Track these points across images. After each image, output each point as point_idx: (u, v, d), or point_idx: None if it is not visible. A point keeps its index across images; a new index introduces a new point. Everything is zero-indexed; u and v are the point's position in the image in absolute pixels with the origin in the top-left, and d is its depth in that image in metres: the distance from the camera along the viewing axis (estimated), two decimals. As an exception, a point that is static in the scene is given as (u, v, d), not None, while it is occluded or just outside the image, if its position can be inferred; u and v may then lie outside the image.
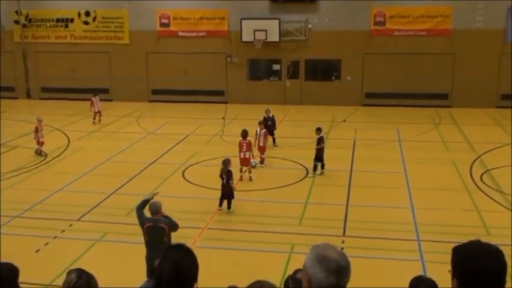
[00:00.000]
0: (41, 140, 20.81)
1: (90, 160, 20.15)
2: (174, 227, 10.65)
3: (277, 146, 21.75)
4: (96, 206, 15.71)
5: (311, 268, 3.03)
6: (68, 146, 22.44)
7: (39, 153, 20.73)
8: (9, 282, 4.58)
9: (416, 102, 29.35)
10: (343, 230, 13.93)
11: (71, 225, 14.39)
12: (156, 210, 10.59)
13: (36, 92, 33.98)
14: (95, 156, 20.65)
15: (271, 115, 22.05)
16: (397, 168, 19.00)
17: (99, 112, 26.75)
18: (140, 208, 10.86)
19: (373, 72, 29.97)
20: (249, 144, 18.01)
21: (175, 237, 13.20)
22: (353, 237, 13.38)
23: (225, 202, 15.20)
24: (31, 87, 34.07)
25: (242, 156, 17.96)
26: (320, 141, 18.41)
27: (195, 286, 3.62)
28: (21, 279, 4.75)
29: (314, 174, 18.24)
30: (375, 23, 29.74)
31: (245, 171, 18.18)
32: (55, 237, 13.65)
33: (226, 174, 15.05)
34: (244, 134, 18.22)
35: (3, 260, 5.09)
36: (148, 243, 10.63)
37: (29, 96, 34.15)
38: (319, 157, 18.35)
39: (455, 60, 29.12)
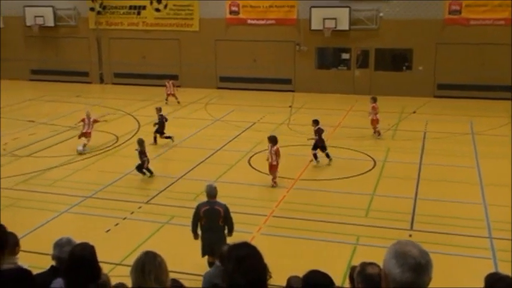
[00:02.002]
0: (88, 130, 19.92)
1: (158, 145, 20.54)
2: (230, 220, 10.84)
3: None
4: (165, 189, 16.02)
5: (388, 263, 2.95)
6: (138, 130, 22.95)
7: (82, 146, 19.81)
8: (91, 261, 4.72)
9: (491, 95, 28.21)
10: (410, 223, 13.63)
11: (140, 207, 14.74)
12: (213, 193, 10.75)
13: (109, 77, 34.92)
14: (163, 141, 21.02)
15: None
16: (469, 162, 18.39)
17: (171, 94, 27.87)
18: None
19: (446, 63, 29.05)
20: (277, 152, 16.07)
21: (242, 224, 13.33)
22: (421, 231, 13.06)
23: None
24: (104, 72, 35.04)
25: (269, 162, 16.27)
26: (317, 133, 18.14)
27: (269, 278, 3.62)
28: (93, 257, 4.88)
29: (317, 161, 18.13)
30: (450, 12, 28.79)
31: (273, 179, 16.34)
32: (125, 218, 14.02)
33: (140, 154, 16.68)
34: (273, 139, 16.38)
35: (77, 240, 5.25)
36: (204, 227, 10.78)
37: (102, 81, 35.14)
38: (320, 146, 18.17)
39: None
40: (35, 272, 5.32)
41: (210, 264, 10.51)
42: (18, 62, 35.27)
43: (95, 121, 20.40)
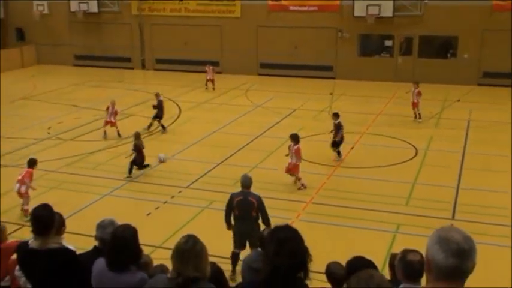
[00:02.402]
0: (112, 120, 20.01)
1: (200, 130, 20.70)
2: (264, 212, 10.50)
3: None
4: (204, 174, 16.15)
5: (431, 248, 2.92)
6: (179, 116, 23.16)
7: (105, 134, 20.11)
8: (132, 242, 4.80)
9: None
10: (452, 213, 13.42)
11: (180, 191, 14.91)
12: (247, 183, 10.51)
13: (151, 63, 35.28)
14: (204, 126, 21.17)
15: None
16: (513, 152, 17.97)
17: (211, 80, 27.93)
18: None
19: (492, 50, 28.30)
20: (297, 151, 15.04)
21: (281, 210, 13.36)
22: (463, 220, 12.84)
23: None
24: (146, 58, 35.41)
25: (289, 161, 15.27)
26: (338, 128, 17.13)
27: (310, 262, 3.62)
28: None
29: (339, 158, 17.28)
30: (497, -2, 28.04)
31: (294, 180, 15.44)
32: (165, 202, 14.21)
33: (134, 147, 16.11)
34: (295, 137, 15.37)
35: (119, 222, 5.35)
36: (237, 217, 10.57)
37: (143, 67, 35.53)
38: (335, 141, 17.22)
39: None
40: (78, 252, 5.46)
41: (235, 255, 10.39)
42: (63, 47, 35.98)
43: (116, 113, 20.27)
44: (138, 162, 16.13)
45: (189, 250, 4.16)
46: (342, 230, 12.74)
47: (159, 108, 20.65)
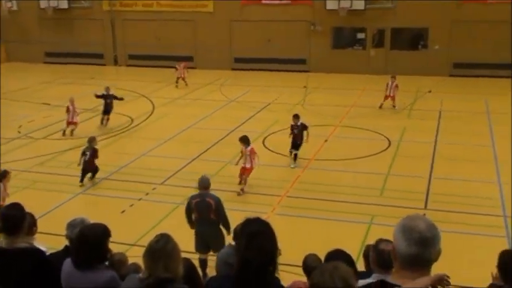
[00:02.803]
0: (74, 120, 19.69)
1: (174, 126, 20.60)
2: (223, 215, 10.07)
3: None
4: (179, 170, 16.09)
5: (396, 237, 3.03)
6: (152, 112, 23.03)
7: (65, 133, 19.72)
8: (99, 241, 4.74)
9: (507, 73, 27.83)
10: (425, 202, 13.59)
11: (154, 188, 14.83)
12: (204, 184, 10.16)
13: (124, 59, 34.99)
14: (179, 122, 21.08)
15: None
16: (484, 141, 18.25)
17: (181, 78, 27.61)
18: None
19: (462, 41, 28.69)
20: (252, 152, 14.42)
21: (256, 205, 13.42)
22: (436, 210, 13.00)
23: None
24: (118, 54, 35.10)
25: (242, 165, 14.59)
26: (299, 129, 16.21)
27: (279, 256, 3.62)
28: (108, 238, 4.92)
29: (294, 164, 16.19)
30: (467, -11, 28.38)
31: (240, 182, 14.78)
32: (140, 199, 14.13)
33: (90, 151, 15.15)
34: (244, 139, 14.61)
35: (92, 220, 5.30)
36: (197, 220, 10.14)
37: (116, 63, 35.23)
38: (295, 143, 16.30)
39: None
40: (50, 252, 5.40)
41: (202, 261, 9.99)
42: (33, 44, 35.49)
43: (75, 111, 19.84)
44: (92, 169, 15.25)
45: (160, 250, 4.13)
46: (317, 222, 12.81)
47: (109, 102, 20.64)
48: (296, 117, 16.53)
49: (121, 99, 20.99)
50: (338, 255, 5.56)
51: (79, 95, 25.85)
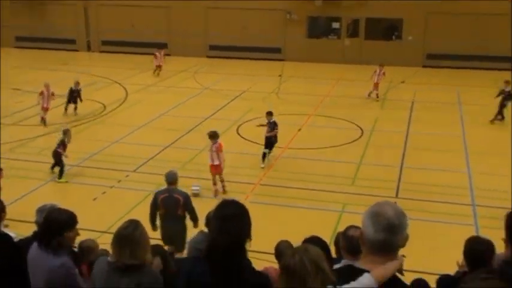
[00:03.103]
0: (45, 105, 19.21)
1: (147, 113, 20.46)
2: (192, 210, 9.85)
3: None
4: (152, 158, 16.01)
5: (364, 223, 3.05)
6: (125, 99, 22.83)
7: (42, 121, 19.28)
8: (64, 227, 4.69)
9: (479, 65, 28.26)
10: (396, 191, 13.76)
11: (127, 175, 14.74)
12: (172, 179, 9.81)
13: (97, 44, 34.56)
14: (152, 109, 20.94)
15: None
16: (455, 131, 18.51)
17: (159, 66, 27.05)
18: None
19: (435, 33, 28.98)
20: (219, 149, 13.72)
21: (230, 193, 13.45)
22: (406, 199, 13.18)
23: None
24: (92, 40, 34.65)
25: (210, 163, 13.89)
26: (273, 126, 15.43)
27: (249, 242, 3.61)
28: (78, 225, 4.87)
29: (263, 163, 15.33)
30: (441, -19, 28.61)
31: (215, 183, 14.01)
32: (112, 186, 14.03)
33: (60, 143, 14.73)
34: (214, 135, 13.86)
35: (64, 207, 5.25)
36: (163, 216, 9.81)
37: (89, 49, 34.79)
38: (269, 144, 15.47)
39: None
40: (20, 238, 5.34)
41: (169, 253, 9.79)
42: (3, 28, 34.75)
43: (53, 94, 19.45)
44: (59, 162, 14.62)
45: (127, 236, 4.11)
46: (290, 210, 12.88)
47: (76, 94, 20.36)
48: (269, 114, 15.72)
49: (80, 100, 20.51)
50: (314, 242, 5.61)
51: (51, 81, 25.47)
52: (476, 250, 5.21)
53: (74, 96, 20.32)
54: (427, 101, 22.51)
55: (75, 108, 20.43)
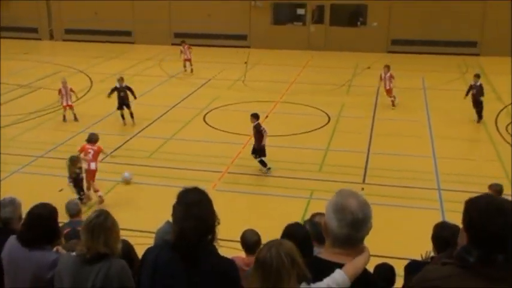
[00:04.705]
0: (65, 104, 18.22)
1: (113, 103, 20.15)
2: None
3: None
4: (118, 148, 15.85)
5: (327, 215, 3.02)
6: (90, 88, 22.50)
7: (66, 118, 18.39)
8: (48, 221, 4.66)
9: (443, 50, 28.65)
10: (363, 177, 13.91)
11: (93, 166, 14.51)
12: (74, 211, 8.59)
13: (60, 33, 33.90)
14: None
15: (124, 85, 17.05)
16: (420, 117, 18.77)
17: (188, 60, 25.07)
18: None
19: (400, 19, 29.24)
20: (97, 152, 13.05)
21: (197, 181, 13.36)
22: (373, 184, 13.36)
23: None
24: (54, 28, 33.98)
25: (87, 167, 12.98)
26: (258, 129, 14.30)
27: (217, 224, 3.61)
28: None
29: (267, 170, 14.28)
30: (404, -33, 28.86)
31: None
32: (77, 177, 13.80)
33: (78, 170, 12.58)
34: (91, 138, 13.24)
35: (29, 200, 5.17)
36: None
37: (52, 37, 34.12)
38: (258, 150, 14.30)
39: (486, 7, 28.23)
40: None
41: None
42: (-38, 17, 33.85)
43: (71, 90, 18.43)
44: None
45: (100, 225, 4.11)
46: (258, 198, 12.93)
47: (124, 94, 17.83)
48: (253, 116, 14.54)
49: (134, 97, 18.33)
50: (294, 229, 5.61)
51: (13, 71, 25.02)
52: (444, 236, 5.31)
53: (121, 96, 17.71)
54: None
55: (132, 116, 17.78)
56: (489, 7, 28.14)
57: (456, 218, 5.62)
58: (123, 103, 17.75)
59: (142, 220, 11.08)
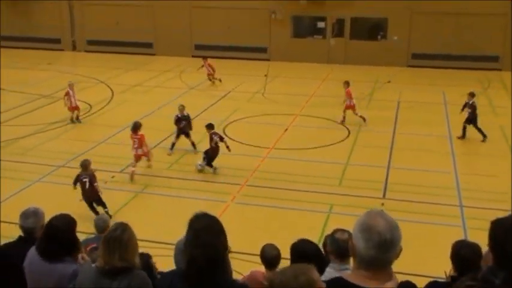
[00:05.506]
0: (73, 105, 19.20)
1: (133, 113, 20.25)
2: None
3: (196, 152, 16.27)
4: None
5: (355, 235, 2.92)
6: (111, 99, 22.68)
7: (75, 119, 19.35)
8: (67, 233, 4.67)
9: (465, 65, 28.41)
10: (383, 192, 13.79)
11: (113, 176, 14.62)
12: (102, 227, 8.18)
13: (82, 44, 34.29)
14: (138, 109, 20.80)
15: (185, 113, 16.79)
16: (441, 132, 18.59)
17: (211, 75, 25.02)
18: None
19: (421, 33, 29.10)
20: (141, 140, 14.74)
21: (216, 194, 13.43)
22: (393, 199, 13.23)
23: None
24: (77, 39, 34.38)
25: (134, 153, 14.78)
26: (212, 138, 14.87)
27: (228, 252, 3.56)
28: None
29: (215, 170, 14.84)
30: (426, -19, 28.78)
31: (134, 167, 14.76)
32: (98, 187, 13.89)
33: (88, 178, 12.36)
34: (135, 126, 14.97)
35: (51, 210, 5.19)
36: None
37: (74, 48, 34.51)
38: (209, 156, 14.90)
39: (508, 22, 28.00)
40: (4, 241, 5.26)
41: None
42: (-13, 28, 34.43)
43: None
44: (96, 197, 12.51)
45: (116, 239, 4.09)
46: (276, 211, 12.86)
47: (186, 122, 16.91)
48: (208, 127, 15.28)
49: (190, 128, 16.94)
50: (305, 244, 5.56)
51: (35, 80, 25.36)
52: (463, 255, 5.21)
53: (183, 126, 16.69)
54: (413, 101, 22.60)
55: (193, 145, 16.59)
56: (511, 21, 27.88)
57: (479, 236, 5.53)
58: (183, 132, 16.75)
59: (161, 231, 11.08)
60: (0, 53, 29.07)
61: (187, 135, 16.64)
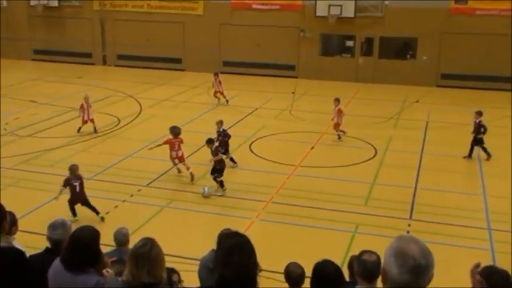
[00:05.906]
0: (90, 117, 19.60)
1: (161, 128, 20.39)
2: None
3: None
4: (164, 173, 16.01)
5: (387, 260, 2.87)
6: (139, 113, 22.91)
7: (93, 131, 19.67)
8: (90, 244, 4.71)
9: (495, 86, 28.08)
10: (409, 213, 13.61)
11: (139, 190, 14.73)
12: (122, 241, 8.44)
13: (112, 59, 34.81)
14: (165, 124, 20.78)
15: (221, 129, 16.86)
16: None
17: (219, 92, 24.66)
18: None
19: (450, 53, 28.88)
20: (180, 143, 15.92)
21: (241, 210, 13.41)
22: (420, 221, 13.06)
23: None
24: (107, 54, 34.92)
25: (175, 156, 15.91)
26: (216, 152, 14.93)
27: (258, 272, 3.52)
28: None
29: (223, 191, 14.61)
30: (456, 1, 28.59)
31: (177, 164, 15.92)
32: (124, 200, 14.03)
33: (78, 182, 12.89)
34: (174, 131, 16.04)
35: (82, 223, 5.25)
36: None
37: (105, 63, 35.04)
38: (218, 169, 14.76)
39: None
40: (31, 252, 5.32)
41: None
42: (21, 41, 35.21)
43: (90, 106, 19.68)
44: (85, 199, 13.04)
45: (144, 254, 4.11)
46: (301, 229, 12.78)
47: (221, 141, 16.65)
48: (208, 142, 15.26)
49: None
50: (327, 267, 5.52)
51: (65, 93, 25.78)
52: (491, 282, 5.09)
53: (225, 141, 16.75)
54: (441, 121, 22.37)
55: (234, 162, 16.68)
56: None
57: (507, 260, 5.44)
58: (227, 148, 16.71)
59: (185, 246, 11.09)
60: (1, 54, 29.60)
61: (227, 151, 16.66)
